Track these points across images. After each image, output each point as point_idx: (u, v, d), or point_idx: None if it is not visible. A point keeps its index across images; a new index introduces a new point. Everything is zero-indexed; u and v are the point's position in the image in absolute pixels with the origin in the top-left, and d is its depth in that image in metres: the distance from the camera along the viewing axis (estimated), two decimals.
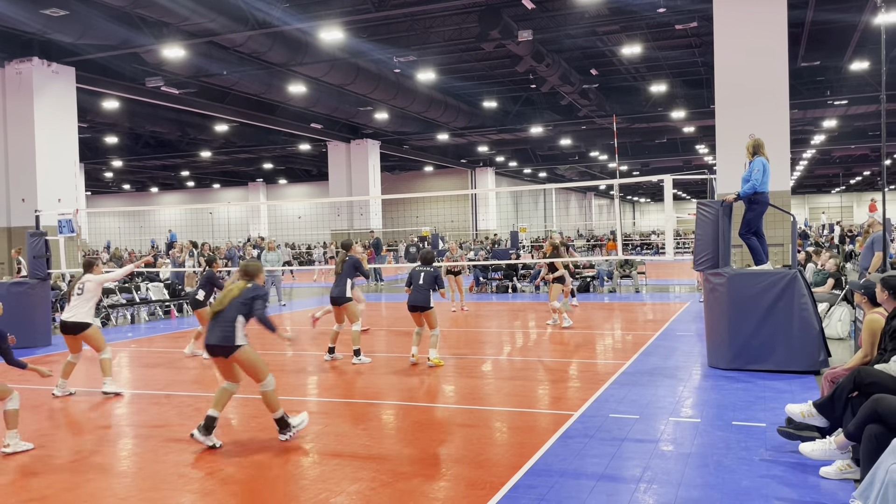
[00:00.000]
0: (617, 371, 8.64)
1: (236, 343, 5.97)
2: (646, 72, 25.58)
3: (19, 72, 17.68)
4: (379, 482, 5.02)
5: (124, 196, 56.21)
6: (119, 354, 11.25)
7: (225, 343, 5.96)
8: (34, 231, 11.90)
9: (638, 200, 78.99)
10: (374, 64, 21.89)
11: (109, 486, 5.14)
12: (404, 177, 47.29)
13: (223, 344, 5.96)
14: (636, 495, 4.68)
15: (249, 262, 6.55)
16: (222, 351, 6.00)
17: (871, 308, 5.78)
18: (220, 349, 5.99)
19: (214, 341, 5.99)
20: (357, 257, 10.11)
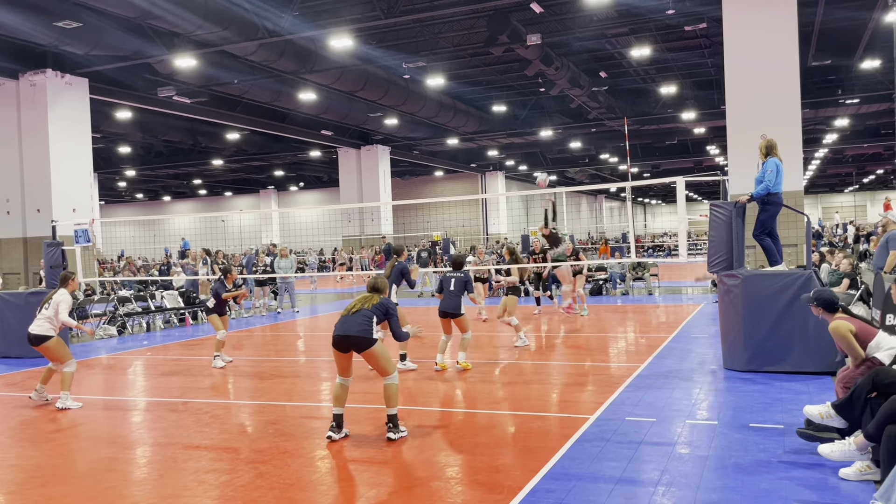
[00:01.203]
0: (632, 374, 8.63)
1: (374, 336, 6.20)
2: (655, 73, 25.55)
3: (33, 84, 17.88)
4: (396, 487, 5.04)
5: (138, 205, 56.61)
6: (135, 363, 11.34)
7: (364, 335, 6.16)
8: (51, 241, 12.01)
9: (649, 202, 78.70)
10: (384, 70, 21.98)
11: (130, 493, 5.18)
12: (415, 182, 47.37)
13: (363, 336, 6.16)
14: (654, 498, 4.68)
15: (377, 278, 6.75)
16: (359, 344, 6.18)
17: (831, 317, 5.75)
18: (357, 342, 6.19)
19: (354, 333, 6.18)
20: (405, 264, 9.87)
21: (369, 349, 6.22)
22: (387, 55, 20.36)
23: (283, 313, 18.21)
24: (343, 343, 6.26)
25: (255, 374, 9.99)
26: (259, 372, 10.12)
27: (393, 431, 6.23)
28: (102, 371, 10.76)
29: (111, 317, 15.25)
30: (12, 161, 18.23)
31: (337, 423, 6.30)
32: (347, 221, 35.36)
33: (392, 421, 6.27)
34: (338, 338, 6.26)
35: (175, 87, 21.21)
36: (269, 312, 18.46)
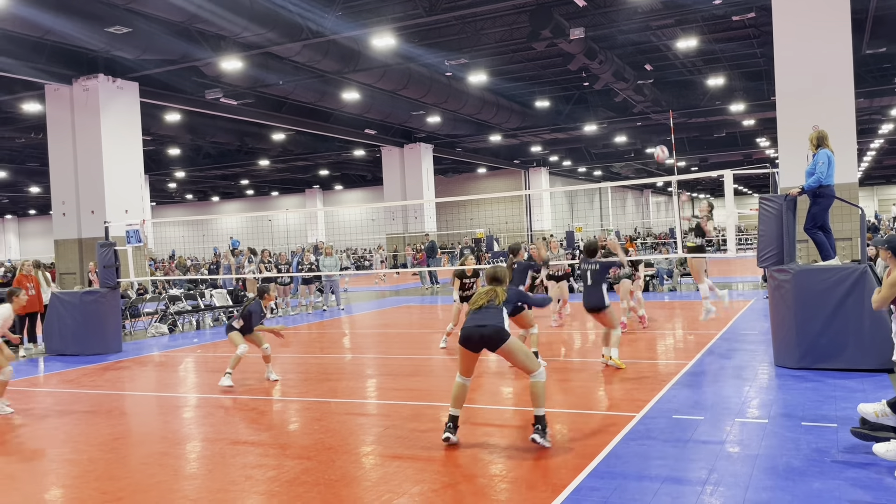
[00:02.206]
0: (679, 371, 8.47)
1: (508, 331, 5.88)
2: (702, 65, 25.05)
3: (86, 88, 18.42)
4: (441, 484, 5.05)
5: (187, 205, 57.90)
6: (185, 360, 11.59)
7: (500, 331, 5.79)
8: (104, 242, 12.37)
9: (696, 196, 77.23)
10: (426, 68, 22.02)
11: (180, 487, 5.30)
12: (457, 179, 47.39)
13: (498, 331, 5.79)
14: (702, 498, 4.58)
15: (497, 267, 6.46)
16: (493, 341, 5.80)
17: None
18: (491, 339, 5.79)
19: (488, 331, 5.80)
20: (526, 263, 9.47)
21: (505, 345, 5.80)
22: (429, 53, 20.40)
23: (328, 311, 18.41)
24: (475, 340, 5.85)
25: (301, 371, 10.12)
26: (305, 369, 10.25)
27: (540, 434, 5.70)
28: (154, 368, 11.03)
29: (162, 315, 15.63)
30: (67, 164, 18.83)
31: (453, 423, 5.96)
32: (391, 219, 35.57)
33: (540, 422, 5.75)
34: (469, 334, 5.86)
35: (222, 89, 21.62)
36: (315, 310, 18.68)
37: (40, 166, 32.29)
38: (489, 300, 5.99)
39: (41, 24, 14.78)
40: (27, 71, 17.50)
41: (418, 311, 18.64)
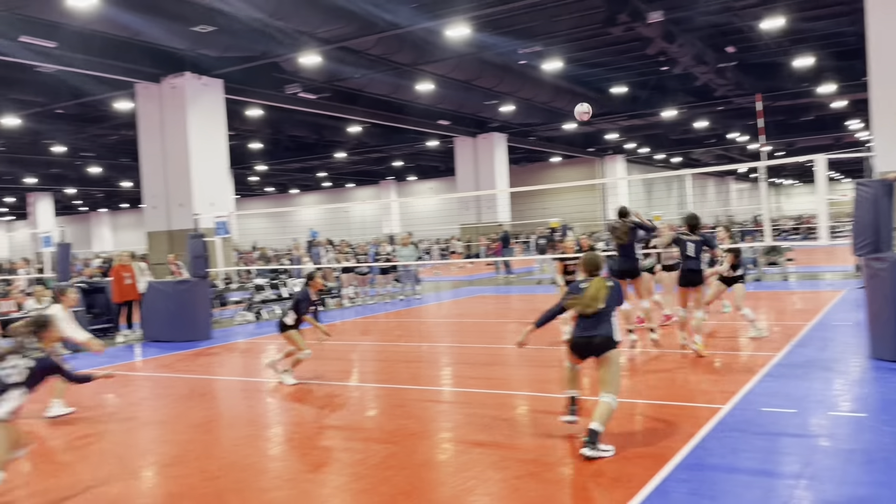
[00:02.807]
0: (767, 363, 8.21)
1: (617, 338, 5.58)
2: (789, 45, 23.98)
3: (174, 86, 19.17)
4: (525, 472, 5.07)
5: (268, 198, 59.62)
6: (269, 347, 11.99)
7: (610, 340, 5.51)
8: (194, 233, 12.90)
9: (782, 183, 74.28)
10: (500, 57, 21.93)
11: (273, 467, 5.52)
12: (531, 168, 47.05)
13: (609, 342, 5.50)
14: (796, 492, 4.46)
15: (590, 255, 6.09)
16: (602, 350, 5.50)
17: None
18: (601, 348, 5.50)
19: (599, 342, 5.50)
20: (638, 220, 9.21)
21: (608, 353, 5.49)
22: (502, 42, 20.29)
23: (405, 300, 18.66)
24: (585, 350, 5.57)
25: (381, 358, 10.32)
26: (384, 357, 10.44)
27: (591, 447, 5.22)
28: (241, 355, 11.46)
29: (248, 304, 16.19)
30: (157, 159, 19.68)
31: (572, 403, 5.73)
32: (465, 210, 35.67)
33: (593, 437, 5.25)
34: (579, 344, 5.57)
35: (300, 84, 22.13)
36: (393, 300, 18.96)
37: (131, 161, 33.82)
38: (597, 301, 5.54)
39: (131, 26, 15.48)
40: (119, 70, 18.35)
41: (493, 300, 18.68)
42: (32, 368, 4.94)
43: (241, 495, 4.90)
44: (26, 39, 15.71)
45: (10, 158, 32.61)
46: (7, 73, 19.06)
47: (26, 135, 27.74)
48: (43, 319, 5.33)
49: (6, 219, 64.21)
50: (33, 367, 4.95)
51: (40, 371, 5.00)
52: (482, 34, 19.50)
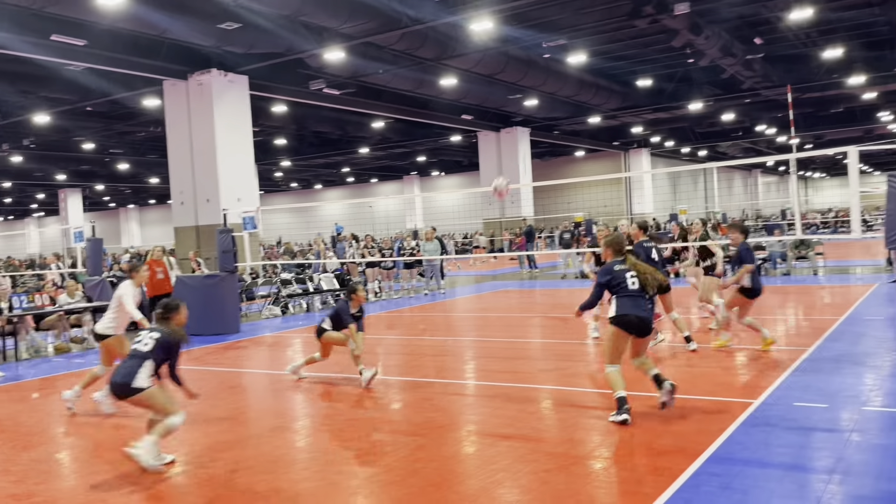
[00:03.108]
0: (798, 358, 8.12)
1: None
2: (817, 36, 23.60)
3: (200, 83, 19.37)
4: (553, 465, 5.08)
5: (292, 193, 60.03)
6: (296, 340, 12.10)
7: (651, 321, 6.14)
8: (222, 228, 13.04)
9: (811, 176, 73.16)
10: (524, 51, 21.85)
11: (302, 459, 5.58)
12: (555, 162, 46.84)
13: (651, 322, 6.13)
14: (830, 487, 4.41)
15: (615, 235, 6.50)
16: (647, 331, 6.09)
17: None
18: (646, 329, 6.08)
19: (647, 321, 6.06)
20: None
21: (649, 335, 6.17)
22: (527, 35, 20.22)
23: (429, 294, 18.71)
24: (637, 326, 5.98)
25: (407, 352, 10.36)
26: (409, 351, 10.48)
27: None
28: (268, 348, 11.58)
29: (275, 298, 16.35)
30: (184, 156, 19.91)
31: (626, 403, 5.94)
32: (488, 204, 35.63)
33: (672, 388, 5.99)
34: (632, 321, 5.95)
35: (325, 79, 22.23)
36: (417, 294, 19.02)
37: (159, 158, 34.27)
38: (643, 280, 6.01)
39: (158, 24, 15.65)
40: (146, 68, 18.58)
41: (517, 295, 18.66)
42: (158, 340, 5.48)
43: (271, 486, 4.96)
44: (56, 38, 15.96)
45: (41, 155, 33.19)
46: (38, 72, 19.39)
47: (57, 132, 28.22)
48: (173, 304, 5.76)
49: (37, 214, 65.39)
50: (158, 340, 5.48)
51: (162, 347, 5.47)
52: (506, 28, 19.44)
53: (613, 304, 6.10)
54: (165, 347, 5.48)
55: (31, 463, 5.81)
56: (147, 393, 5.39)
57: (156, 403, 5.46)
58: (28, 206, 58.82)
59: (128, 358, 5.52)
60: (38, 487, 5.21)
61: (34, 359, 11.49)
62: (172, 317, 5.65)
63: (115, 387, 5.44)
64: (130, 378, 5.35)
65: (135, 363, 5.40)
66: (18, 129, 27.29)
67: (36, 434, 6.77)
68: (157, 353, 5.45)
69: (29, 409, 7.92)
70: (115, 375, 5.49)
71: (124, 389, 5.37)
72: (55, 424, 7.22)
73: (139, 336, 5.59)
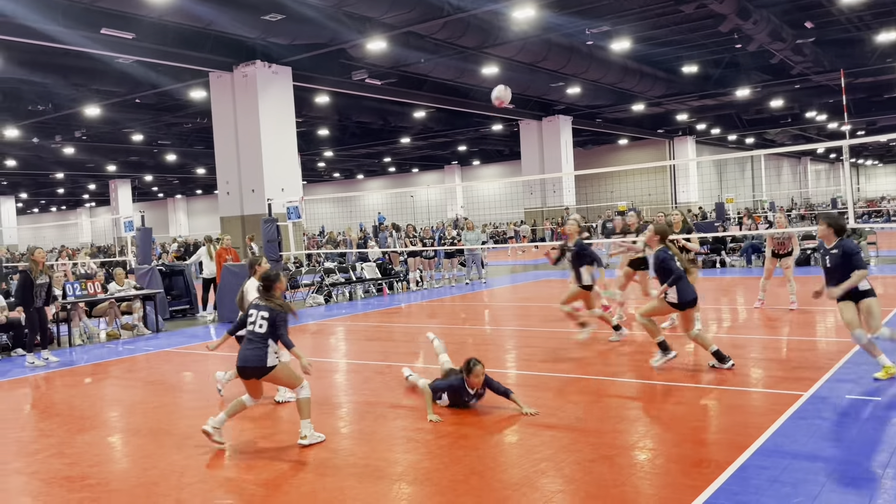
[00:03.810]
0: (849, 350, 7.91)
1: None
2: (871, 19, 22.81)
3: (245, 75, 19.63)
4: (598, 455, 5.05)
5: (335, 183, 60.56)
6: (340, 329, 12.23)
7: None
8: (267, 218, 13.23)
9: (863, 163, 70.97)
10: (566, 38, 21.60)
11: (347, 445, 5.65)
12: (597, 151, 46.30)
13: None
14: (885, 482, 4.30)
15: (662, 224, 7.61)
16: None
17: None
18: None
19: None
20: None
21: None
22: (569, 22, 19.97)
23: (471, 284, 18.72)
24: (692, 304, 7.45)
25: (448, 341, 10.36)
26: (451, 340, 10.49)
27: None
28: (311, 336, 11.73)
29: (318, 286, 16.54)
30: (230, 147, 20.23)
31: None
32: (529, 194, 35.43)
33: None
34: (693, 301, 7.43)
35: (367, 70, 22.32)
36: (458, 283, 19.04)
37: (205, 149, 34.90)
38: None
39: (204, 16, 15.91)
40: (193, 60, 18.91)
41: (558, 284, 18.51)
42: (267, 319, 5.58)
43: (317, 471, 5.03)
44: (106, 32, 16.34)
45: (92, 147, 34.08)
46: (88, 65, 19.88)
47: (107, 124, 28.93)
48: (273, 274, 5.87)
49: (89, 205, 67.25)
50: (267, 318, 5.58)
51: (272, 323, 5.57)
52: (549, 15, 19.23)
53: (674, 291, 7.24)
54: (274, 323, 5.58)
55: (84, 446, 6.00)
56: (277, 369, 5.62)
57: (284, 377, 5.72)
58: (80, 196, 60.52)
59: (247, 342, 5.64)
60: (92, 470, 5.37)
61: (87, 345, 11.85)
62: (275, 287, 5.74)
63: (248, 371, 5.59)
64: (262, 361, 5.55)
65: (257, 346, 5.56)
66: (70, 121, 28.07)
67: (89, 418, 6.99)
68: (271, 331, 5.58)
69: (82, 394, 8.17)
70: (244, 360, 5.61)
71: (258, 372, 5.58)
72: (108, 409, 7.44)
73: (251, 315, 5.68)
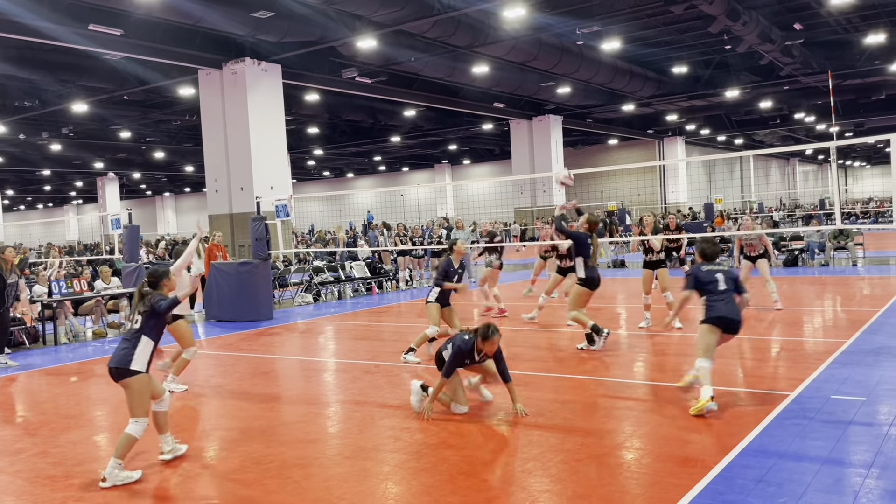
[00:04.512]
0: (836, 350, 7.96)
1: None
2: (859, 21, 22.99)
3: (234, 72, 19.53)
4: (585, 454, 5.05)
5: (324, 182, 60.42)
6: (328, 328, 12.20)
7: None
8: (256, 216, 13.18)
9: (851, 165, 71.49)
10: (557, 38, 21.63)
11: (335, 444, 5.63)
12: (587, 151, 46.43)
13: None
14: (868, 481, 4.32)
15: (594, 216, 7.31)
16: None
17: None
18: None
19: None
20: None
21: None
22: (560, 22, 20.01)
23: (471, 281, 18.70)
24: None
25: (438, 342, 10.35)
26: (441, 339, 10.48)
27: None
28: (300, 335, 11.69)
29: (307, 285, 16.49)
30: (219, 144, 20.12)
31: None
32: (519, 193, 35.47)
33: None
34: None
35: (357, 68, 22.27)
36: None
37: (194, 146, 34.74)
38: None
39: (193, 13, 15.81)
40: (182, 57, 18.80)
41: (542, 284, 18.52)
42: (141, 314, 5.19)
43: (303, 471, 5.01)
44: (94, 28, 16.22)
45: (79, 144, 33.85)
46: (75, 61, 19.74)
47: (94, 121, 28.74)
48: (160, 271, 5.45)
49: (76, 202, 66.78)
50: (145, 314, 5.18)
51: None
52: (539, 14, 19.26)
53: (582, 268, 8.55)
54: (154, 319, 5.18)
55: (69, 445, 5.95)
56: (133, 378, 5.07)
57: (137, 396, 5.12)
58: (67, 193, 60.09)
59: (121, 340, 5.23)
60: (76, 469, 5.33)
61: (72, 343, 11.77)
62: (161, 284, 5.33)
63: (112, 371, 5.14)
64: (124, 362, 5.08)
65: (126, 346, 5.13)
66: (57, 117, 27.86)
67: (74, 417, 6.93)
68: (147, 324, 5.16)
69: (67, 393, 8.11)
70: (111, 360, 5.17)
71: (120, 373, 5.10)
72: (93, 408, 7.39)
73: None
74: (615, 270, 20.41)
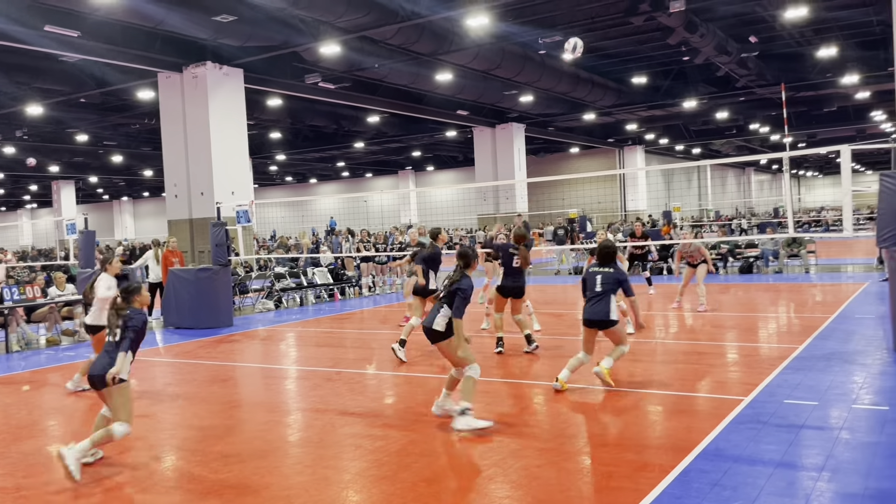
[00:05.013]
0: (789, 355, 8.17)
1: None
2: (812, 35, 23.66)
3: (195, 76, 19.26)
4: (544, 460, 5.10)
5: (287, 187, 59.88)
6: (290, 334, 12.09)
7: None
8: (216, 221, 13.00)
9: (804, 174, 73.42)
10: (520, 47, 21.83)
11: (295, 453, 5.58)
12: (550, 159, 46.86)
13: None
14: (819, 484, 4.44)
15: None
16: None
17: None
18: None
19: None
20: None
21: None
22: (523, 31, 20.18)
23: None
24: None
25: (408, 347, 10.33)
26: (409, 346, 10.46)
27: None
28: (261, 342, 11.56)
29: (269, 292, 16.32)
30: (178, 148, 19.80)
31: None
32: (483, 200, 35.62)
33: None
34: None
35: (320, 73, 22.16)
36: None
37: (153, 150, 34.15)
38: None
39: (153, 15, 15.55)
40: (141, 60, 18.46)
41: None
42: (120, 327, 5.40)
43: (262, 480, 4.96)
44: (50, 29, 15.86)
45: (33, 147, 33.00)
46: (31, 63, 19.26)
47: (50, 123, 28.05)
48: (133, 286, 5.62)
49: (30, 206, 65.06)
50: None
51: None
52: (502, 24, 19.41)
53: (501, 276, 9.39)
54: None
55: (20, 456, 5.80)
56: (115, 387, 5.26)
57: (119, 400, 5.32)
58: (21, 197, 58.52)
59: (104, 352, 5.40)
60: (27, 481, 5.20)
61: (25, 351, 11.46)
62: (133, 300, 5.50)
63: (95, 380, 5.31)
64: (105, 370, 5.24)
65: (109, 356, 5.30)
66: (11, 120, 27.12)
67: (26, 427, 6.76)
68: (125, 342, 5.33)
69: (19, 402, 7.90)
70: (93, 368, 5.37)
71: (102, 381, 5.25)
72: (45, 417, 7.20)
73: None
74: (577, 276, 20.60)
